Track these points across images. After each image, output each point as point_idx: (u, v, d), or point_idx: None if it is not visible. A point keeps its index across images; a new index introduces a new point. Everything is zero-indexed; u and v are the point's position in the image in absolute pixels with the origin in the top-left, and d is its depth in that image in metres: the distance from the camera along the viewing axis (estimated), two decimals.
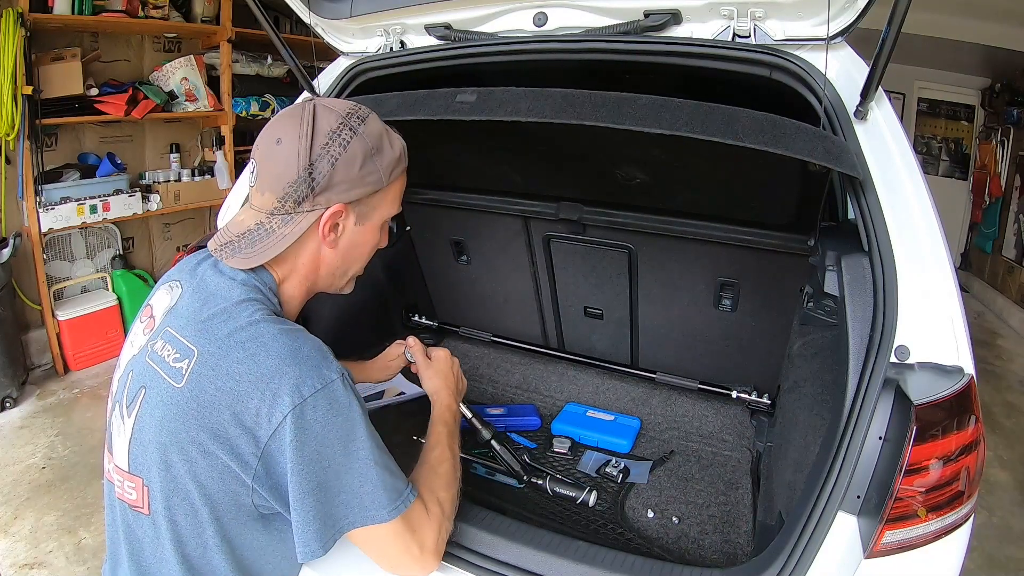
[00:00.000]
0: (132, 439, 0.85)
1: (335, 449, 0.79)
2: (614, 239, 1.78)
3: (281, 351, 0.80)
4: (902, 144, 1.07)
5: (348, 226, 0.92)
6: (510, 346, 2.14)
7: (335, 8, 1.53)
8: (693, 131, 0.94)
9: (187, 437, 0.79)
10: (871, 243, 1.01)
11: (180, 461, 0.80)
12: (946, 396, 0.87)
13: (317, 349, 0.83)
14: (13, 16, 2.72)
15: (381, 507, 0.82)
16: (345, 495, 0.81)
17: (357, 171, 0.88)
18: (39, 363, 3.33)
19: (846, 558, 0.88)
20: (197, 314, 0.85)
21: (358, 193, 0.89)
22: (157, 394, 0.83)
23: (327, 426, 0.79)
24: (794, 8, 1.14)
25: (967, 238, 5.15)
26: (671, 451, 1.64)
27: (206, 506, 0.81)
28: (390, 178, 0.92)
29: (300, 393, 0.78)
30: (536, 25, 1.37)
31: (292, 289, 0.94)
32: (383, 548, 0.86)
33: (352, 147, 0.87)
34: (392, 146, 0.93)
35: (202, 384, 0.79)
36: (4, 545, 2.07)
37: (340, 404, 0.80)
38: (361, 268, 1.02)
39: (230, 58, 3.73)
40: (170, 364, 0.83)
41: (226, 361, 0.80)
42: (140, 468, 0.84)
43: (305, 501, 0.78)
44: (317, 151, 0.85)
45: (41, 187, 3.06)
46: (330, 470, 0.79)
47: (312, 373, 0.79)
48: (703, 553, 1.29)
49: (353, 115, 0.89)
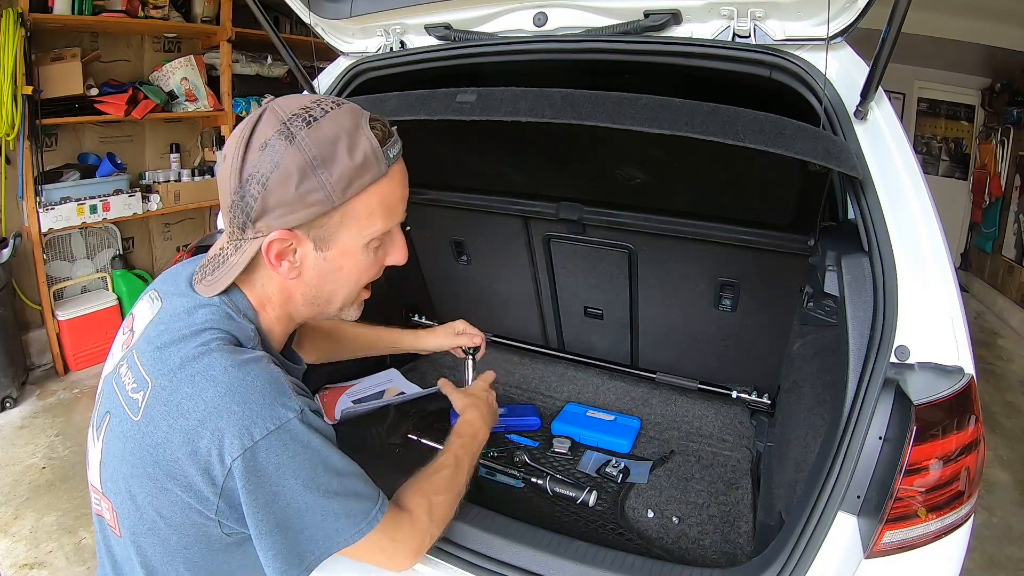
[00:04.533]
0: (102, 463, 0.82)
1: (293, 490, 0.75)
2: (614, 239, 1.78)
3: (231, 386, 0.73)
4: (902, 144, 1.07)
5: (307, 253, 0.79)
6: (510, 346, 2.14)
7: (335, 8, 1.53)
8: (693, 131, 0.94)
9: (145, 472, 0.75)
10: (871, 243, 1.01)
11: (142, 493, 0.76)
12: (946, 396, 0.87)
13: (272, 383, 0.75)
14: (13, 16, 2.72)
15: (344, 532, 0.79)
16: (309, 530, 0.77)
17: (293, 190, 0.73)
18: (39, 363, 3.33)
19: (846, 558, 0.88)
20: (157, 339, 0.79)
21: (301, 217, 0.75)
22: (118, 424, 0.79)
23: (282, 468, 0.73)
24: (794, 8, 1.14)
25: (967, 238, 5.15)
26: (671, 451, 1.64)
27: (174, 535, 0.77)
28: (346, 195, 0.75)
29: (251, 436, 0.72)
30: (536, 25, 1.37)
31: (271, 321, 0.86)
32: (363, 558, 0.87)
33: (285, 162, 0.72)
34: (351, 153, 0.74)
35: (156, 420, 0.75)
36: (4, 545, 2.07)
37: (297, 443, 0.74)
38: (353, 294, 0.88)
39: (230, 58, 3.73)
40: (129, 394, 0.78)
41: (176, 396, 0.74)
42: (110, 492, 0.81)
43: (265, 540, 0.76)
44: (248, 170, 0.74)
45: (41, 187, 3.05)
46: (289, 509, 0.75)
47: (264, 413, 0.73)
48: (703, 553, 1.29)
49: (299, 117, 0.74)
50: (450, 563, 1.02)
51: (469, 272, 2.13)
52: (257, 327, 0.83)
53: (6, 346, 2.90)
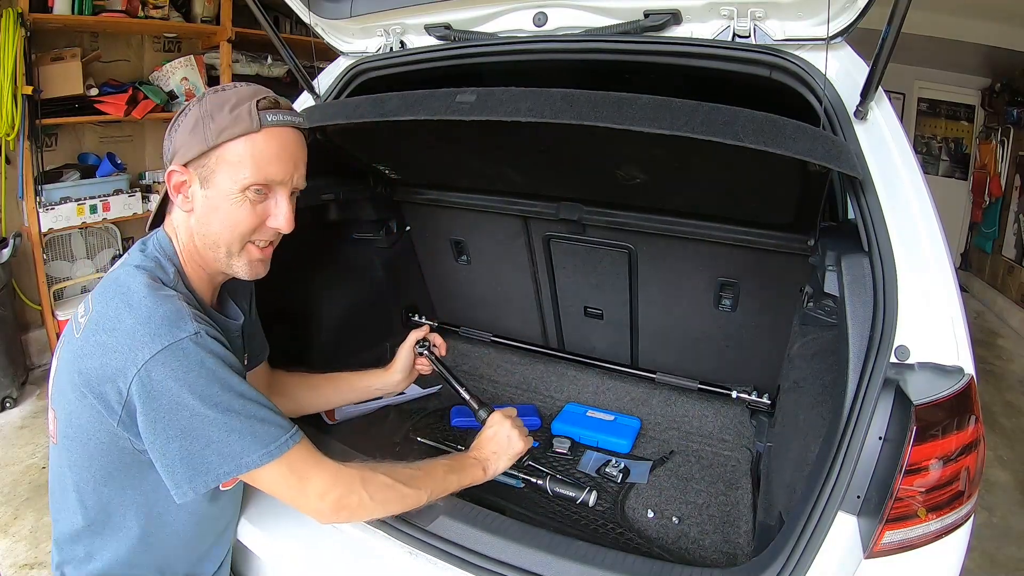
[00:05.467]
0: (54, 376, 0.97)
1: (191, 402, 0.83)
2: (614, 239, 1.78)
3: (139, 311, 0.87)
4: (902, 144, 1.07)
5: (196, 190, 0.96)
6: (510, 346, 2.14)
7: (335, 8, 1.53)
8: (693, 131, 0.94)
9: (71, 380, 0.89)
10: (871, 243, 1.01)
11: (72, 399, 0.90)
12: (946, 396, 0.87)
13: (174, 311, 0.87)
14: (13, 16, 2.72)
15: (251, 452, 0.86)
16: (215, 445, 0.85)
17: (188, 133, 0.93)
18: (39, 363, 3.33)
19: (846, 558, 0.88)
20: (107, 276, 0.97)
21: (189, 154, 0.94)
22: (68, 342, 0.94)
23: (178, 383, 0.83)
24: (794, 8, 1.14)
25: (967, 238, 5.15)
26: (671, 451, 1.64)
27: (91, 441, 0.90)
28: (219, 137, 0.92)
29: (147, 352, 0.83)
30: (536, 25, 1.37)
31: (188, 262, 1.00)
32: (273, 490, 0.92)
33: (191, 113, 0.94)
34: (232, 111, 0.93)
35: (87, 336, 0.89)
36: (4, 545, 2.07)
37: (190, 360, 0.84)
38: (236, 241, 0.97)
39: (230, 58, 3.73)
40: (78, 319, 0.94)
41: (102, 318, 0.89)
42: (54, 401, 0.96)
43: (168, 448, 0.84)
44: (173, 124, 0.96)
45: (41, 187, 3.05)
46: (192, 420, 0.84)
47: (163, 331, 0.85)
48: (703, 553, 1.29)
49: (212, 90, 0.96)
50: (450, 563, 1.02)
51: (469, 272, 2.13)
52: (179, 270, 0.98)
53: (6, 346, 2.90)
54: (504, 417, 1.21)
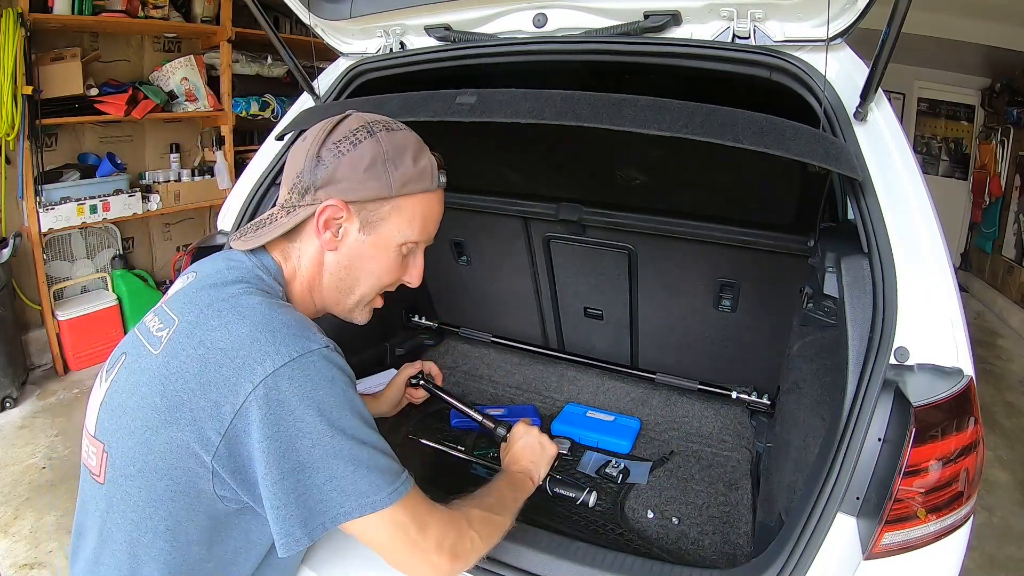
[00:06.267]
0: (103, 403, 0.83)
1: (317, 426, 0.71)
2: (614, 240, 1.78)
3: (257, 319, 0.75)
4: (902, 145, 1.07)
5: (351, 230, 0.87)
6: (510, 346, 2.14)
7: (335, 9, 1.53)
8: (693, 133, 0.94)
9: (151, 404, 0.75)
10: (871, 244, 1.01)
11: (143, 429, 0.75)
12: (946, 397, 0.87)
13: (298, 320, 0.78)
14: (13, 16, 2.72)
15: (379, 489, 0.74)
16: (337, 480, 0.72)
17: (362, 171, 0.84)
18: (39, 363, 3.33)
19: (845, 559, 0.88)
20: (189, 290, 0.84)
21: (359, 194, 0.84)
22: (135, 360, 0.81)
23: (305, 400, 0.71)
24: (794, 9, 1.14)
25: (967, 238, 5.15)
26: (671, 452, 1.64)
27: (162, 481, 0.74)
28: (401, 190, 0.86)
29: (273, 361, 0.71)
30: (536, 26, 1.36)
31: (299, 291, 0.90)
32: (386, 542, 0.77)
33: (363, 146, 0.84)
34: (415, 162, 0.87)
35: (175, 351, 0.76)
36: (4, 545, 2.07)
37: (322, 375, 0.73)
38: (372, 292, 0.93)
39: (230, 58, 3.73)
40: (153, 333, 0.81)
41: (201, 329, 0.76)
42: (104, 433, 0.81)
43: (284, 483, 0.71)
44: (329, 145, 0.84)
45: (41, 187, 3.05)
46: (315, 450, 0.71)
47: (289, 342, 0.73)
48: (703, 554, 1.29)
49: (379, 123, 0.87)
50: None
51: (469, 272, 2.13)
52: (286, 294, 0.88)
53: (6, 346, 2.90)
54: (528, 426, 1.22)
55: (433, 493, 0.92)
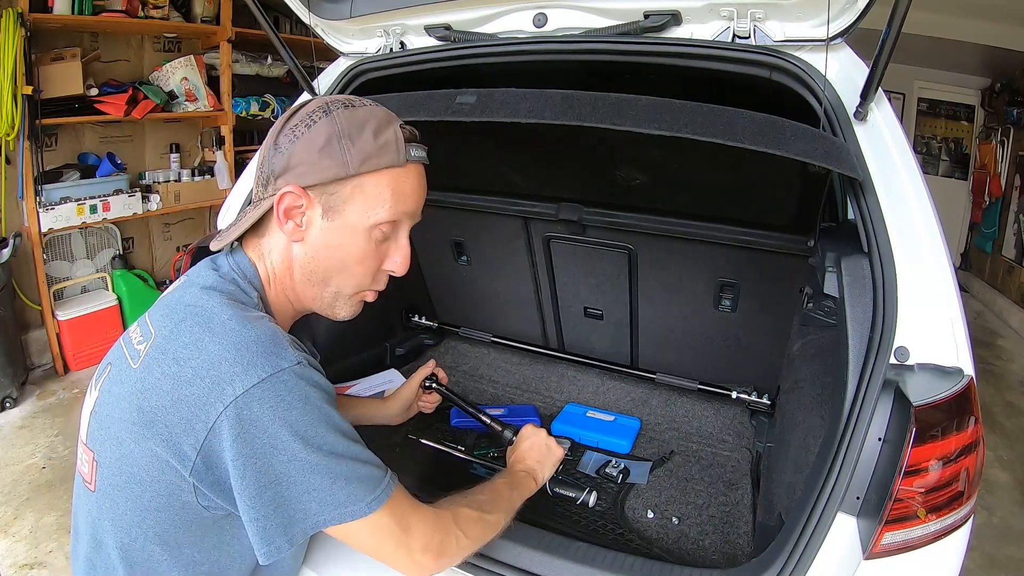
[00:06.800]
0: (93, 412, 0.83)
1: (291, 444, 0.71)
2: (614, 240, 1.78)
3: (227, 337, 0.74)
4: (902, 145, 1.07)
5: (314, 218, 0.82)
6: (510, 346, 2.14)
7: (335, 9, 1.53)
8: (693, 132, 0.94)
9: (130, 419, 0.75)
10: (871, 244, 1.01)
11: (127, 440, 0.76)
12: (946, 397, 0.87)
13: (269, 336, 0.75)
14: (13, 16, 2.72)
15: (358, 499, 0.74)
16: (316, 492, 0.73)
17: (316, 151, 0.79)
18: (39, 363, 3.33)
19: (845, 559, 0.88)
20: (169, 298, 0.83)
21: (316, 177, 0.80)
22: (118, 372, 0.81)
23: (278, 420, 0.71)
24: (794, 9, 1.14)
25: (967, 238, 5.15)
26: (671, 452, 1.64)
27: (147, 493, 0.75)
28: (361, 167, 0.80)
29: (243, 383, 0.70)
30: (536, 26, 1.36)
31: (275, 294, 0.87)
32: (371, 545, 0.79)
33: (317, 127, 0.80)
34: (376, 136, 0.81)
35: (151, 367, 0.75)
36: (4, 545, 2.07)
37: (293, 394, 0.72)
38: (349, 283, 0.88)
39: (230, 58, 3.73)
40: (134, 345, 0.80)
41: (174, 345, 0.75)
42: (94, 442, 0.81)
43: (262, 496, 0.71)
44: (286, 131, 0.82)
45: (41, 187, 3.05)
46: (291, 465, 0.71)
47: (259, 361, 0.72)
48: (703, 554, 1.29)
49: (338, 101, 0.83)
50: None
51: (469, 272, 2.13)
52: (262, 298, 0.85)
53: (6, 346, 2.90)
54: (536, 428, 1.22)
55: (433, 493, 0.92)
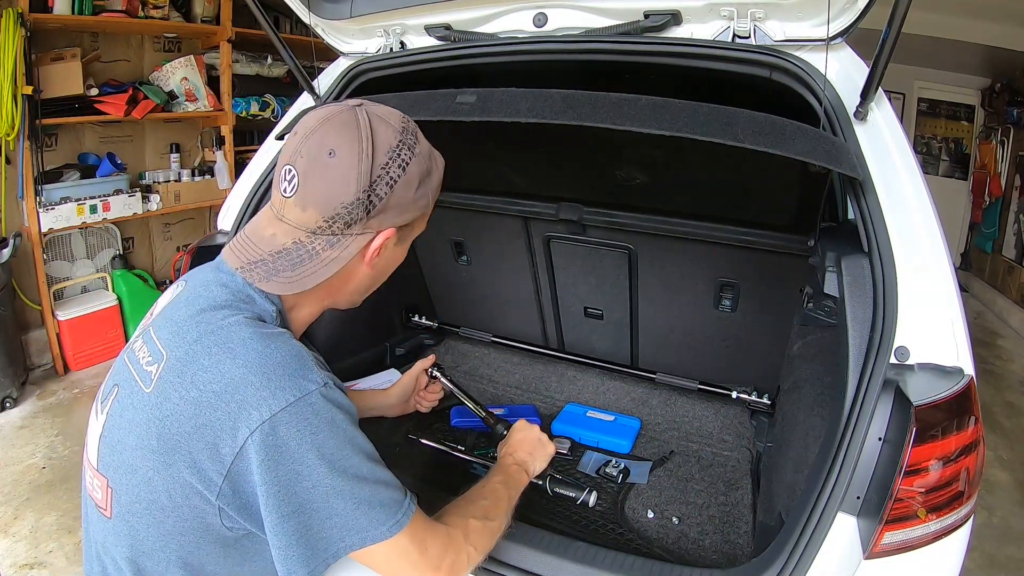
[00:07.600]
0: (102, 436, 0.81)
1: (317, 469, 0.71)
2: (614, 239, 1.78)
3: (249, 358, 0.72)
4: (902, 145, 1.07)
5: (389, 246, 0.84)
6: (510, 346, 2.14)
7: (335, 9, 1.53)
8: (693, 132, 0.94)
9: (149, 446, 0.73)
10: (871, 244, 1.01)
11: (145, 468, 0.74)
12: (946, 397, 0.87)
13: (294, 356, 0.75)
14: (13, 16, 2.72)
15: (380, 523, 0.74)
16: (338, 517, 0.73)
17: (412, 194, 0.81)
18: (39, 363, 3.33)
19: (846, 559, 0.88)
20: (175, 315, 0.80)
21: (408, 216, 0.83)
22: (127, 396, 0.79)
23: (304, 443, 0.70)
24: (794, 9, 1.14)
25: (967, 238, 5.15)
26: (671, 451, 1.64)
27: (170, 518, 0.74)
28: (435, 200, 0.86)
29: (270, 408, 0.70)
30: (536, 26, 1.37)
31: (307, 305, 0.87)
32: (386, 566, 0.79)
33: (411, 169, 0.80)
34: (438, 166, 0.86)
35: (167, 392, 0.73)
36: (4, 545, 2.07)
37: (320, 418, 0.72)
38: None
39: (230, 58, 3.73)
40: (143, 367, 0.78)
41: (191, 368, 0.73)
42: (107, 468, 0.79)
43: (285, 525, 0.71)
44: (377, 171, 0.77)
45: (41, 187, 3.05)
46: (315, 491, 0.71)
47: (285, 384, 0.72)
48: (703, 553, 1.29)
49: (407, 130, 0.82)
50: None
51: (469, 272, 2.13)
52: (280, 311, 0.83)
53: (6, 346, 2.90)
54: (528, 424, 1.22)
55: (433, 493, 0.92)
